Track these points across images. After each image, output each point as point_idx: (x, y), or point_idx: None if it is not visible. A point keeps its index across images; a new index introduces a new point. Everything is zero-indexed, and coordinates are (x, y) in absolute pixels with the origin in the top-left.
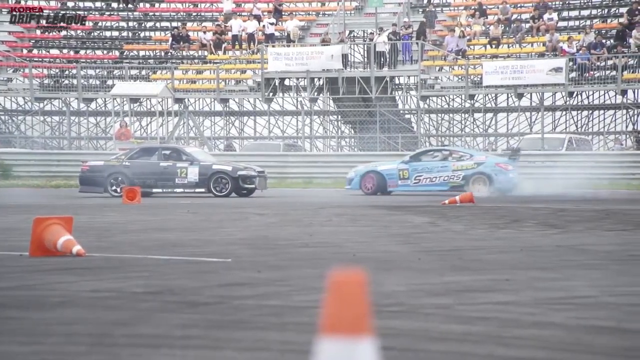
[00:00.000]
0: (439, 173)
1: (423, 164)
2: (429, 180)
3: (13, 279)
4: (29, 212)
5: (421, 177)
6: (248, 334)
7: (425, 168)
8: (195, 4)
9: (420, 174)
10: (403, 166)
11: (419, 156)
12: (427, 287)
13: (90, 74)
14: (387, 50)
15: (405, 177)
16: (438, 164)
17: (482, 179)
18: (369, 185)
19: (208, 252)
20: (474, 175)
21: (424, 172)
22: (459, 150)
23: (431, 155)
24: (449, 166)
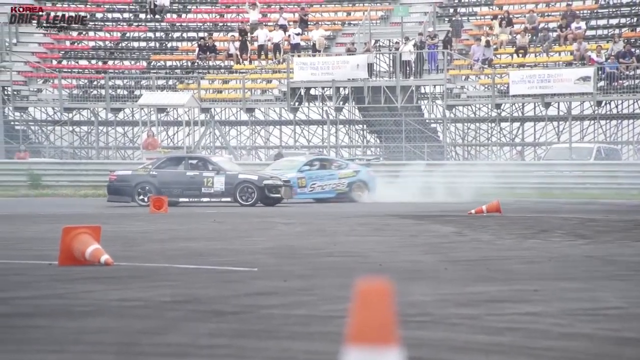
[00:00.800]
0: (329, 181)
1: (316, 172)
2: (321, 188)
3: (42, 287)
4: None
5: (315, 185)
6: (274, 343)
7: (318, 176)
8: (221, 14)
9: (314, 182)
10: (300, 175)
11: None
12: (453, 297)
13: (118, 84)
14: (413, 59)
15: (303, 186)
16: (326, 173)
17: (361, 185)
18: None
19: (234, 261)
20: (355, 183)
21: (317, 180)
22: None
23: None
24: (335, 175)
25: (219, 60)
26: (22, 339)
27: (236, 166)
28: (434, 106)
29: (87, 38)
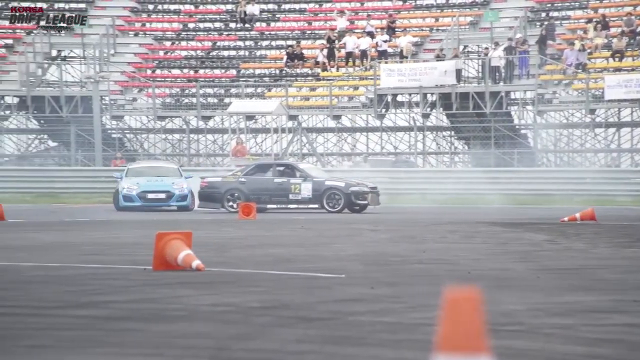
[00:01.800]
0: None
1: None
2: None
3: (137, 292)
4: (151, 227)
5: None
6: (362, 350)
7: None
8: (309, 22)
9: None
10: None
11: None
12: (547, 306)
13: (208, 92)
14: (503, 64)
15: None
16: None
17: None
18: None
19: (321, 268)
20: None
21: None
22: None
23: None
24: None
25: (307, 68)
26: (120, 342)
27: (323, 173)
28: (525, 112)
29: (180, 48)
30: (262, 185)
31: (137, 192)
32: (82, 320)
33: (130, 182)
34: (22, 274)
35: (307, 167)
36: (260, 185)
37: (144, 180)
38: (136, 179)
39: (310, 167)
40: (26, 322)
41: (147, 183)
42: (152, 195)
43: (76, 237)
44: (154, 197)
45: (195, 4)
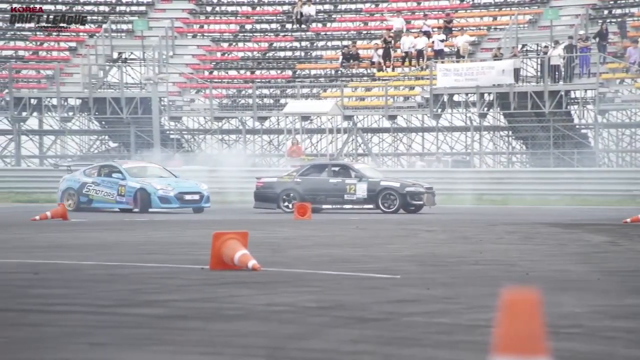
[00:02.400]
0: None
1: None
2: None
3: (195, 291)
4: (207, 227)
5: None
6: (418, 351)
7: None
8: (365, 22)
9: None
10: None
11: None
12: (608, 309)
13: (264, 93)
14: (562, 63)
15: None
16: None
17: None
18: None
19: (377, 268)
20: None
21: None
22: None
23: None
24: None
25: (362, 68)
26: (177, 340)
27: (378, 173)
28: (585, 111)
29: (237, 49)
30: (318, 186)
31: (174, 194)
32: (141, 318)
33: (161, 182)
34: (84, 273)
35: (362, 167)
36: (315, 185)
37: (171, 181)
38: (152, 180)
39: (366, 168)
40: (87, 319)
41: (178, 184)
42: (189, 197)
43: (135, 236)
44: (190, 198)
45: (252, 5)
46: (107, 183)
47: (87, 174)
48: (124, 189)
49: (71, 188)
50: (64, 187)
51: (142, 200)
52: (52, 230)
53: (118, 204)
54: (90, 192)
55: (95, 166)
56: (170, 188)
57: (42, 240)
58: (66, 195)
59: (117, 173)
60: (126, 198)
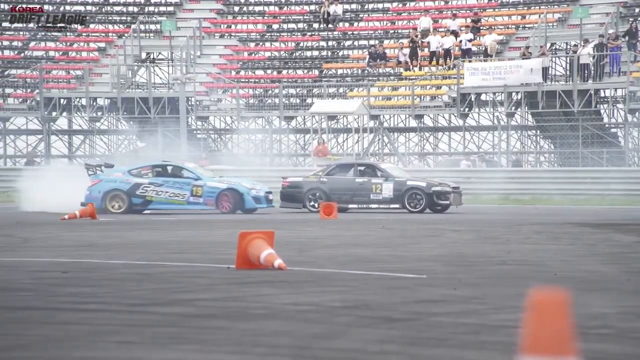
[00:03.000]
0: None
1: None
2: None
3: (221, 290)
4: (235, 227)
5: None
6: (445, 351)
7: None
8: (392, 21)
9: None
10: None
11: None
12: (638, 309)
13: (291, 93)
14: (592, 62)
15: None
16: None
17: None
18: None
19: (403, 268)
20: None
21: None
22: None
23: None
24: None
25: (389, 68)
26: (206, 339)
27: (404, 172)
28: (615, 110)
29: (264, 49)
30: (344, 185)
31: (263, 194)
32: (168, 317)
33: (249, 182)
34: (112, 272)
35: (388, 166)
36: (341, 185)
37: (246, 180)
38: (240, 180)
39: (392, 167)
40: (115, 318)
41: (257, 184)
42: (270, 197)
43: (163, 235)
44: (271, 197)
45: (280, 5)
46: (172, 183)
47: (138, 175)
48: (201, 189)
49: (118, 189)
50: (106, 188)
51: (234, 201)
52: (81, 229)
53: (190, 205)
54: (148, 192)
55: (147, 166)
56: (258, 187)
57: (71, 240)
58: (109, 197)
59: (187, 172)
60: (204, 199)
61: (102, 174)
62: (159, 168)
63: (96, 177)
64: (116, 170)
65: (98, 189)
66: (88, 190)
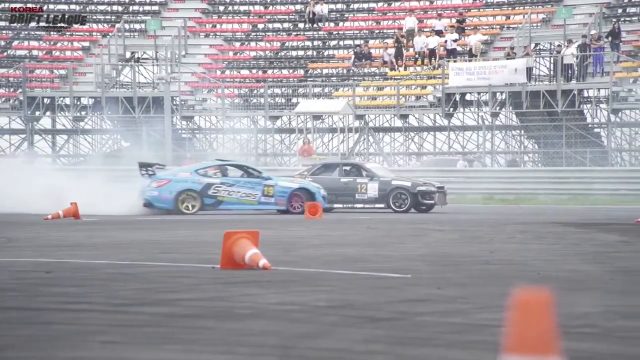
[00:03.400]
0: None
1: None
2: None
3: (207, 290)
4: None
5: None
6: (430, 351)
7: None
8: (378, 21)
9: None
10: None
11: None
12: (621, 309)
13: (276, 92)
14: (575, 62)
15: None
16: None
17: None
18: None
19: (388, 268)
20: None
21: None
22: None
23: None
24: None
25: (374, 67)
26: (191, 339)
27: (390, 172)
28: (598, 110)
29: (249, 48)
30: (329, 185)
31: (325, 193)
32: (154, 317)
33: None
34: (97, 271)
35: (373, 166)
36: (326, 184)
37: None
38: (306, 179)
39: (377, 167)
40: (100, 318)
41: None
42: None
43: (148, 235)
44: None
45: (265, 4)
46: (244, 183)
47: (205, 174)
48: (272, 189)
49: (191, 190)
50: (178, 189)
51: (306, 201)
52: (65, 229)
53: (261, 205)
54: (220, 193)
55: (214, 166)
56: (318, 186)
57: (55, 240)
58: (182, 197)
59: (254, 172)
60: (275, 199)
61: (169, 174)
62: (225, 167)
63: (164, 177)
64: (183, 169)
65: (169, 189)
66: (156, 190)
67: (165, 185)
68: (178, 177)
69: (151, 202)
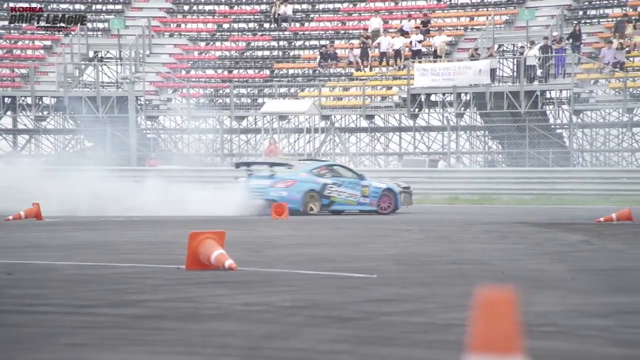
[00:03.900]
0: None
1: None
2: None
3: (171, 291)
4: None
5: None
6: (395, 350)
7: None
8: (343, 22)
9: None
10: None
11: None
12: (582, 307)
13: (242, 92)
14: (538, 64)
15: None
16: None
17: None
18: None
19: (354, 268)
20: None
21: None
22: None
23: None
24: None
25: (340, 68)
26: (156, 340)
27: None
28: (560, 111)
29: (214, 48)
30: None
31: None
32: (118, 318)
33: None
34: (59, 273)
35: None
36: None
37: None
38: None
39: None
40: (62, 320)
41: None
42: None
43: (112, 236)
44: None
45: (230, 4)
46: (348, 184)
47: (319, 174)
48: (368, 189)
49: (314, 190)
50: (305, 189)
51: (393, 201)
52: (27, 230)
53: (360, 206)
54: (332, 193)
55: (323, 166)
56: (398, 185)
57: (16, 241)
58: (307, 197)
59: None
60: (370, 199)
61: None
62: (333, 168)
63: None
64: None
65: (296, 190)
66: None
67: (293, 185)
68: (301, 177)
69: (282, 202)
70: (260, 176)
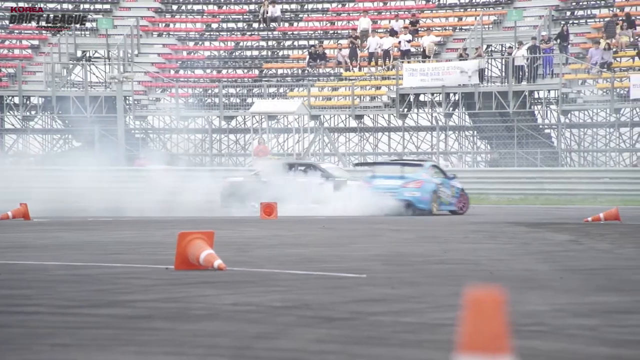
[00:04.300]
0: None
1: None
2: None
3: (160, 291)
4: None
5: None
6: (385, 350)
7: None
8: (332, 22)
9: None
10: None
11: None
12: (570, 307)
13: (231, 92)
14: (526, 64)
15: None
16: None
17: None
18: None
19: (343, 268)
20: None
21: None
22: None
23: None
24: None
25: (329, 68)
26: (143, 341)
27: (344, 172)
28: (548, 111)
29: (203, 48)
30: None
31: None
32: (106, 319)
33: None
34: (47, 273)
35: (328, 166)
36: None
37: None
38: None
39: (332, 167)
40: (50, 321)
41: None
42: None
43: (100, 236)
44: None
45: (219, 4)
46: (446, 184)
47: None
48: (454, 189)
49: (435, 190)
50: (432, 189)
51: (467, 201)
52: (14, 230)
53: (450, 206)
54: (439, 193)
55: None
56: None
57: (4, 241)
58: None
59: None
60: (456, 199)
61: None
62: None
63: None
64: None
65: (426, 190)
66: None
67: (422, 186)
68: (425, 178)
69: (413, 203)
70: (389, 176)
